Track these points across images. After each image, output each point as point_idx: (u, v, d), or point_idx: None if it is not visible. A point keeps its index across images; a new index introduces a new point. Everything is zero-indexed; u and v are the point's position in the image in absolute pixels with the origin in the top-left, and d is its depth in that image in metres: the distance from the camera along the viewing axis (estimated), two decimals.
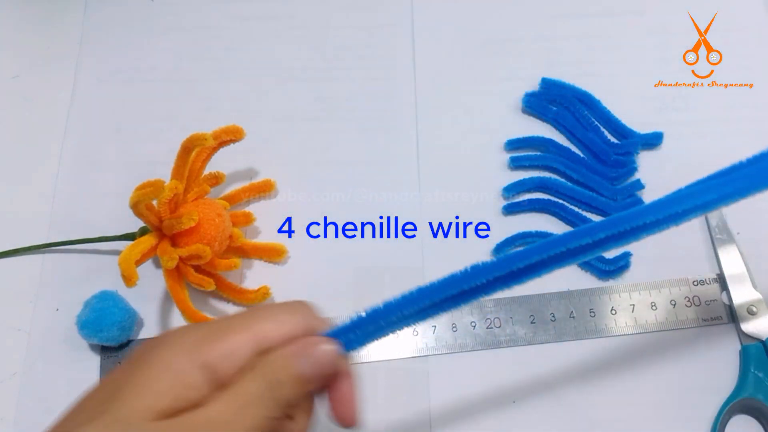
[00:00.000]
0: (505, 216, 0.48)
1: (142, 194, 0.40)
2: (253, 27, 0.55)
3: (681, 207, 0.30)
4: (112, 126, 0.52)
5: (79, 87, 0.53)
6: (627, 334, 0.44)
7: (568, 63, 0.52)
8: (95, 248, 0.47)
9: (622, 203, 0.47)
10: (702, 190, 0.30)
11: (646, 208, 0.30)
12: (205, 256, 0.41)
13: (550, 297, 0.45)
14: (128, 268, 0.39)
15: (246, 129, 0.45)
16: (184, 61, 0.54)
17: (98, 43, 0.55)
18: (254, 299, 0.44)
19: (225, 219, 0.44)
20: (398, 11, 0.55)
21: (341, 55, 0.54)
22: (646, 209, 0.30)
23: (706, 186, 0.31)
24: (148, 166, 0.48)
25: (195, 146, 0.43)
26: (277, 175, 0.49)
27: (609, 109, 0.50)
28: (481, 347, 0.44)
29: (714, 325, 0.44)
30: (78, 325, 0.43)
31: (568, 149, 0.50)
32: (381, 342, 0.44)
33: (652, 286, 0.45)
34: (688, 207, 0.30)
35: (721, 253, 0.46)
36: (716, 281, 0.45)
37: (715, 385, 0.42)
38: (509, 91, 0.52)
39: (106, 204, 0.48)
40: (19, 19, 0.56)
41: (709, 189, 0.30)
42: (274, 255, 0.47)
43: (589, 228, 0.30)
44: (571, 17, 0.55)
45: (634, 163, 0.48)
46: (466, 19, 0.55)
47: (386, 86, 0.53)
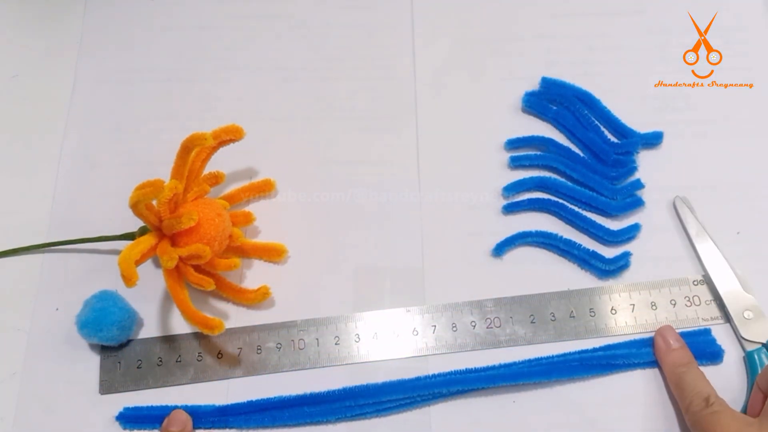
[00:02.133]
0: (505, 215, 0.48)
1: (142, 194, 0.40)
2: (253, 27, 0.55)
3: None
4: (112, 126, 0.52)
5: (79, 87, 0.53)
6: (627, 334, 0.44)
7: (568, 63, 0.52)
8: (95, 248, 0.47)
9: (622, 203, 0.47)
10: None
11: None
12: (205, 255, 0.41)
13: (550, 297, 0.45)
14: (128, 268, 0.39)
15: (246, 129, 0.45)
16: (184, 61, 0.54)
17: (98, 43, 0.55)
18: (254, 299, 0.44)
19: (225, 219, 0.44)
20: (398, 11, 0.55)
21: (341, 55, 0.54)
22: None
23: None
24: (148, 166, 0.48)
25: (195, 146, 0.43)
26: (277, 175, 0.49)
27: (609, 109, 0.50)
28: (481, 347, 0.44)
29: (714, 325, 0.44)
30: (78, 324, 0.43)
31: (568, 149, 0.50)
32: (381, 342, 0.44)
33: (652, 286, 0.45)
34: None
35: (706, 261, 0.45)
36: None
37: (715, 385, 0.42)
38: (509, 91, 0.52)
39: (106, 204, 0.48)
40: (19, 19, 0.56)
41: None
42: (274, 255, 0.47)
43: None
44: (571, 17, 0.55)
45: (634, 162, 0.48)
46: (466, 19, 0.55)
47: (386, 86, 0.53)
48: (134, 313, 0.45)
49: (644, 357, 0.43)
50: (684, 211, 0.47)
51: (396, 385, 0.43)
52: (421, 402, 0.42)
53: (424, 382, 0.43)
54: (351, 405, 0.42)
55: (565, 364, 0.43)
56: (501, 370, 0.43)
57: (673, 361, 0.42)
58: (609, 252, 0.46)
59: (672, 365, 0.42)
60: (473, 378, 0.42)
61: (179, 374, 0.44)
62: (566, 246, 0.46)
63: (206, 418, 0.42)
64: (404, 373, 0.43)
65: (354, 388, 0.43)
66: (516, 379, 0.42)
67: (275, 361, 0.44)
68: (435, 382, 0.42)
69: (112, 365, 0.44)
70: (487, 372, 0.43)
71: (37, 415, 0.43)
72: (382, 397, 0.42)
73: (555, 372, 0.42)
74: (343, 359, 0.44)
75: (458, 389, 0.42)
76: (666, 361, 0.42)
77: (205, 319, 0.41)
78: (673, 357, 0.42)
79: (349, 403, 0.42)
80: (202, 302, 0.46)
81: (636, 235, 0.47)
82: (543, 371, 0.42)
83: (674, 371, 0.41)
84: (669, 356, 0.42)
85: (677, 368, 0.41)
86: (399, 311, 0.45)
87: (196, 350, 0.44)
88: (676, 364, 0.42)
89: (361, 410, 0.42)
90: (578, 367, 0.43)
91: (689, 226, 0.46)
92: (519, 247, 0.47)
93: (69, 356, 0.44)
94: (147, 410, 0.42)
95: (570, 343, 0.44)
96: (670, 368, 0.42)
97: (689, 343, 0.43)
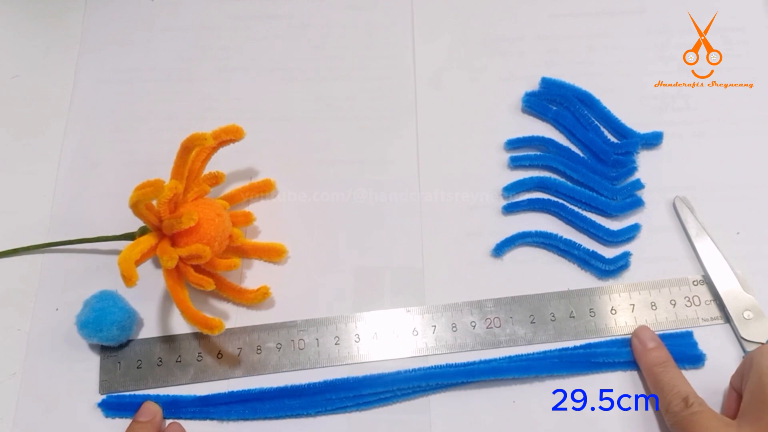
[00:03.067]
0: (505, 215, 0.48)
1: (142, 194, 0.40)
2: (253, 27, 0.55)
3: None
4: (112, 126, 0.52)
5: (79, 87, 0.53)
6: (627, 334, 0.44)
7: (568, 63, 0.52)
8: (95, 248, 0.47)
9: (622, 203, 0.47)
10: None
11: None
12: (205, 256, 0.41)
13: (550, 297, 0.45)
14: (128, 268, 0.39)
15: (246, 129, 0.45)
16: (184, 61, 0.54)
17: (98, 43, 0.55)
18: (254, 299, 0.44)
19: (225, 219, 0.44)
20: (398, 11, 0.55)
21: (341, 55, 0.54)
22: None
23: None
24: (148, 166, 0.48)
25: (195, 146, 0.43)
26: (277, 175, 0.49)
27: (609, 109, 0.50)
28: (481, 347, 0.44)
29: (714, 325, 0.44)
30: (78, 324, 0.43)
31: (568, 149, 0.50)
32: (381, 342, 0.44)
33: (652, 286, 0.45)
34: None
35: (706, 261, 0.45)
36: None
37: (716, 385, 0.42)
38: (509, 91, 0.52)
39: (106, 204, 0.48)
40: (19, 19, 0.56)
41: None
42: (274, 255, 0.47)
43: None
44: (571, 17, 0.55)
45: (634, 162, 0.48)
46: (466, 19, 0.55)
47: (386, 86, 0.53)
48: (134, 313, 0.45)
49: (624, 356, 0.43)
50: (684, 211, 0.47)
51: (375, 379, 0.43)
52: (402, 397, 0.42)
53: (404, 376, 0.43)
54: (332, 398, 0.42)
55: (545, 361, 0.43)
56: (480, 366, 0.43)
57: (650, 361, 0.42)
58: (609, 252, 0.46)
59: (649, 365, 0.41)
60: (452, 372, 0.42)
61: (179, 374, 0.44)
62: (566, 246, 0.46)
63: (186, 409, 0.42)
64: None
65: (335, 381, 0.43)
66: (494, 374, 0.42)
67: (275, 361, 0.44)
68: (414, 375, 0.43)
69: (112, 365, 0.44)
70: (466, 367, 0.43)
71: (37, 415, 0.43)
72: (362, 390, 0.42)
73: (533, 369, 0.42)
74: (343, 359, 0.44)
75: (438, 383, 0.42)
76: (643, 361, 0.42)
77: (205, 319, 0.41)
78: (650, 357, 0.42)
79: (330, 396, 0.42)
80: (202, 302, 0.46)
81: (636, 235, 0.47)
82: (522, 367, 0.42)
83: (651, 371, 0.41)
84: (645, 356, 0.42)
85: (654, 368, 0.41)
86: (399, 311, 0.45)
87: (196, 350, 0.44)
88: (652, 364, 0.41)
89: (341, 403, 0.42)
90: (558, 364, 0.43)
91: (689, 226, 0.46)
92: (519, 247, 0.47)
93: (69, 356, 0.44)
94: (129, 398, 0.43)
95: (570, 343, 0.44)
96: (647, 368, 0.42)
97: (669, 345, 0.43)
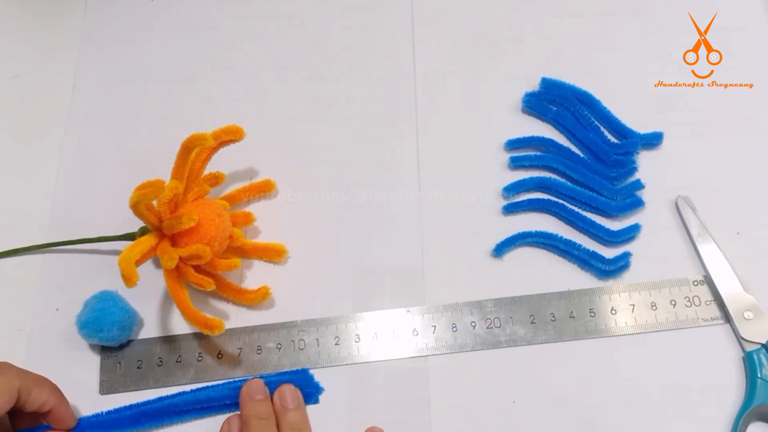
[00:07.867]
0: (505, 216, 0.48)
1: (142, 194, 0.40)
2: (253, 27, 0.55)
3: None
4: (112, 126, 0.52)
5: (79, 87, 0.53)
6: (627, 334, 0.44)
7: (568, 63, 0.52)
8: (95, 248, 0.47)
9: (622, 203, 0.47)
10: None
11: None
12: (205, 256, 0.41)
13: (550, 297, 0.45)
14: (128, 268, 0.39)
15: (246, 129, 0.45)
16: (184, 61, 0.54)
17: (98, 43, 0.55)
18: (254, 299, 0.44)
19: (225, 219, 0.44)
20: (398, 11, 0.55)
21: (341, 55, 0.54)
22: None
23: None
24: (148, 166, 0.48)
25: (195, 146, 0.43)
26: (277, 175, 0.49)
27: (609, 109, 0.50)
28: (481, 347, 0.44)
29: (714, 325, 0.44)
30: (78, 325, 0.43)
31: (568, 149, 0.50)
32: (381, 342, 0.44)
33: (652, 286, 0.45)
34: None
35: (707, 261, 0.45)
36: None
37: (717, 385, 0.42)
38: (509, 91, 0.52)
39: (106, 204, 0.48)
40: (19, 19, 0.56)
41: None
42: (274, 255, 0.47)
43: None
44: (571, 17, 0.55)
45: (634, 163, 0.48)
46: (466, 19, 0.55)
47: (386, 86, 0.53)
48: (134, 313, 0.45)
49: (235, 398, 0.42)
50: (686, 210, 0.47)
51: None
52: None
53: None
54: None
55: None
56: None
57: (253, 412, 0.41)
58: (609, 252, 0.46)
59: (249, 416, 0.41)
60: None
61: (179, 374, 0.44)
62: (566, 246, 0.46)
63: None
64: (404, 373, 0.44)
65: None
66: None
67: (275, 362, 0.44)
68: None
69: (113, 365, 0.44)
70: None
71: None
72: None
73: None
74: (344, 359, 0.44)
75: None
76: (245, 408, 0.41)
77: (205, 319, 0.41)
78: (255, 408, 0.41)
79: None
80: (202, 302, 0.46)
81: (636, 235, 0.47)
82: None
83: (249, 422, 0.41)
84: (249, 405, 0.41)
85: (252, 420, 0.41)
86: (399, 311, 0.45)
87: (196, 350, 0.44)
88: (254, 416, 0.41)
89: None
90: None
91: (691, 226, 0.46)
92: (519, 248, 0.47)
93: (69, 356, 0.44)
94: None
95: (557, 345, 0.44)
96: (246, 418, 0.41)
97: (291, 380, 0.43)
